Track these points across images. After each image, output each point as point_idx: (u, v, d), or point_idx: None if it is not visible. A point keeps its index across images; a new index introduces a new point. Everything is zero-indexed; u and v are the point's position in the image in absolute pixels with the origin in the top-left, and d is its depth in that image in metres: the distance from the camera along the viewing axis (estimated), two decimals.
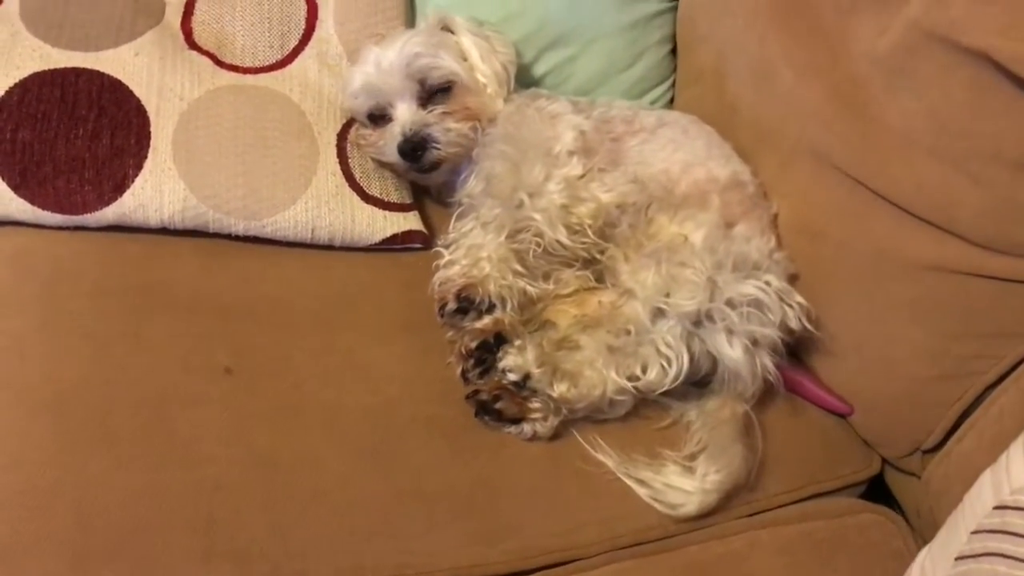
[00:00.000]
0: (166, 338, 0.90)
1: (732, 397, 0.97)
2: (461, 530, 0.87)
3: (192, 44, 1.04)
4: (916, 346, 0.95)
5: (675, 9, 1.23)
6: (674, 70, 1.26)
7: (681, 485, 0.93)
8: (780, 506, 0.97)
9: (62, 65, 0.97)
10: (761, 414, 0.99)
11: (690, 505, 0.92)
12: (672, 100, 1.26)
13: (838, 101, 0.99)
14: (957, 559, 0.76)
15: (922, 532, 0.97)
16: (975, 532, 0.75)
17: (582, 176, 1.01)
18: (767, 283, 0.94)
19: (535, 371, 0.89)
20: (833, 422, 1.04)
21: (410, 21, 1.12)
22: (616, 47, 1.19)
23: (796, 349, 1.03)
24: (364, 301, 1.00)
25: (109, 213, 0.94)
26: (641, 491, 0.93)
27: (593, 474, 0.92)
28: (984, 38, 0.84)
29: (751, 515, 0.96)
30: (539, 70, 1.18)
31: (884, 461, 1.04)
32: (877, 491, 1.07)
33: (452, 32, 1.07)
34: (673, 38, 1.25)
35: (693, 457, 0.94)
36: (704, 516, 0.93)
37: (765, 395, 0.99)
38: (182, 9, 1.06)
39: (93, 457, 0.81)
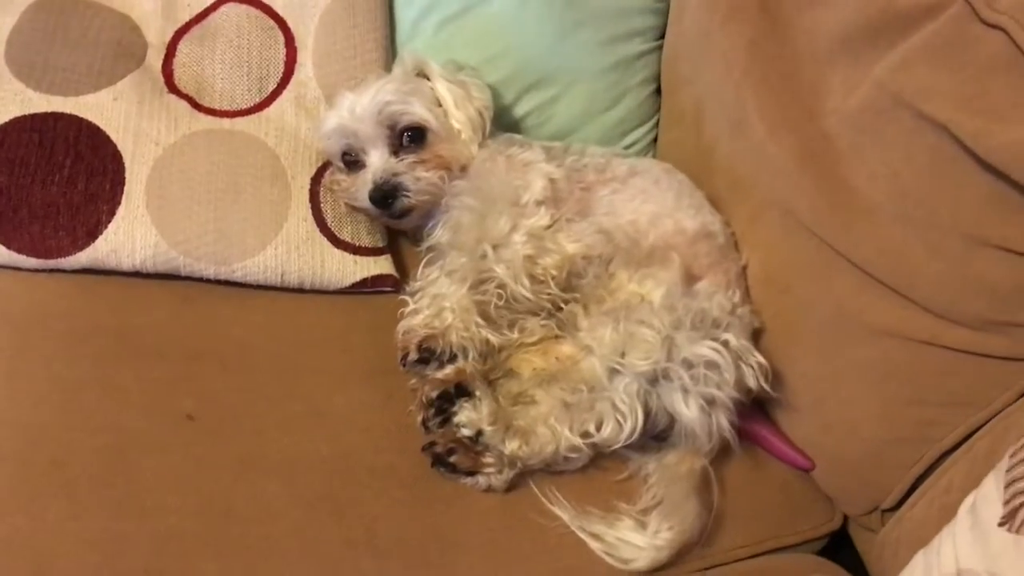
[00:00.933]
0: (133, 384, 0.92)
1: (690, 452, 0.97)
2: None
3: (172, 87, 1.05)
4: (873, 408, 0.95)
5: (660, 49, 1.23)
6: (658, 110, 1.25)
7: (633, 540, 0.93)
8: (736, 560, 0.98)
9: (42, 110, 0.99)
10: (721, 467, 0.99)
11: (641, 560, 0.92)
12: (655, 140, 1.26)
13: (807, 158, 0.99)
14: None
15: None
16: None
17: (549, 226, 1.01)
18: (725, 343, 0.94)
19: (487, 428, 0.90)
20: (795, 476, 1.04)
21: (389, 64, 1.12)
22: (598, 88, 1.19)
23: (760, 401, 1.03)
24: (330, 346, 1.01)
25: (83, 258, 0.96)
26: (594, 545, 0.93)
27: (548, 527, 0.93)
28: (945, 110, 0.83)
29: (705, 569, 0.96)
30: (520, 111, 1.18)
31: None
32: (843, 542, 1.07)
33: (427, 78, 1.07)
34: (657, 78, 1.24)
35: (647, 512, 0.94)
36: (655, 571, 0.94)
37: (726, 448, 0.99)
38: (163, 51, 1.07)
39: (52, 505, 0.83)
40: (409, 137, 1.04)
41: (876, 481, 0.97)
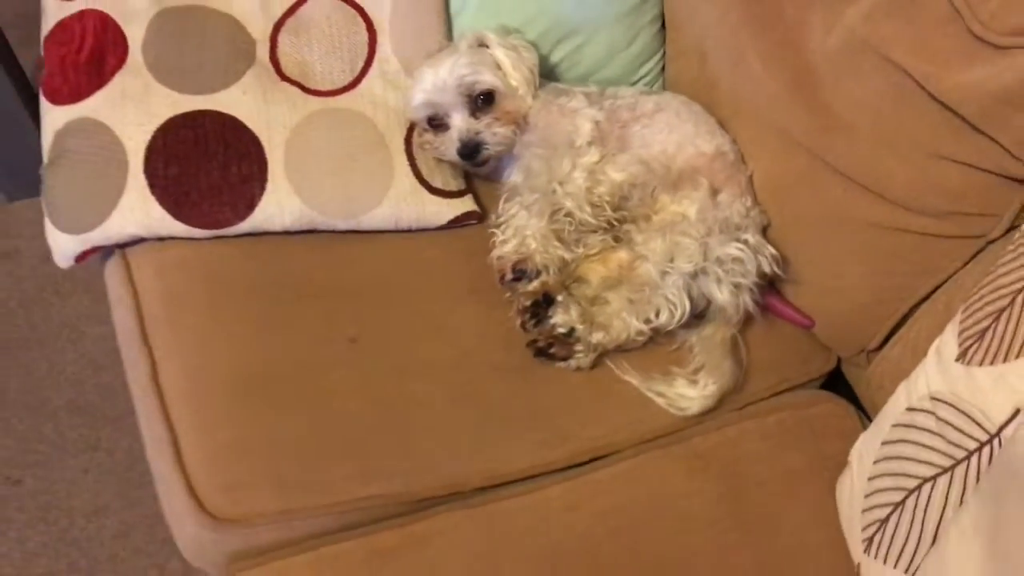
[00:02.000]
0: (304, 318, 1.19)
1: (723, 324, 1.27)
2: (531, 440, 1.18)
3: (282, 76, 1.28)
4: (860, 279, 1.25)
5: None
6: (663, 43, 1.50)
7: (688, 393, 1.23)
8: (761, 399, 1.29)
9: (189, 109, 1.21)
10: (745, 332, 1.30)
11: (694, 407, 1.23)
12: (663, 69, 1.51)
13: (797, 89, 1.25)
14: (882, 444, 1.09)
15: (868, 414, 1.30)
16: (894, 425, 1.07)
17: (598, 161, 1.28)
18: (745, 241, 1.23)
19: (579, 326, 1.19)
20: (799, 333, 1.34)
21: (449, 35, 1.35)
22: (616, 32, 1.42)
23: (772, 279, 1.32)
24: (440, 272, 1.28)
25: (244, 226, 1.21)
26: (659, 400, 1.24)
27: (622, 391, 1.24)
28: (902, 57, 1.10)
29: (740, 409, 1.28)
30: (555, 59, 1.41)
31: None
32: (836, 380, 1.40)
33: (487, 47, 1.31)
34: (662, 15, 1.48)
35: (696, 372, 1.24)
36: (704, 415, 1.25)
37: (749, 318, 1.30)
38: (268, 45, 1.29)
39: (261, 415, 1.11)
40: (482, 100, 1.28)
41: (863, 331, 1.28)
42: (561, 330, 1.20)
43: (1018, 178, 1.05)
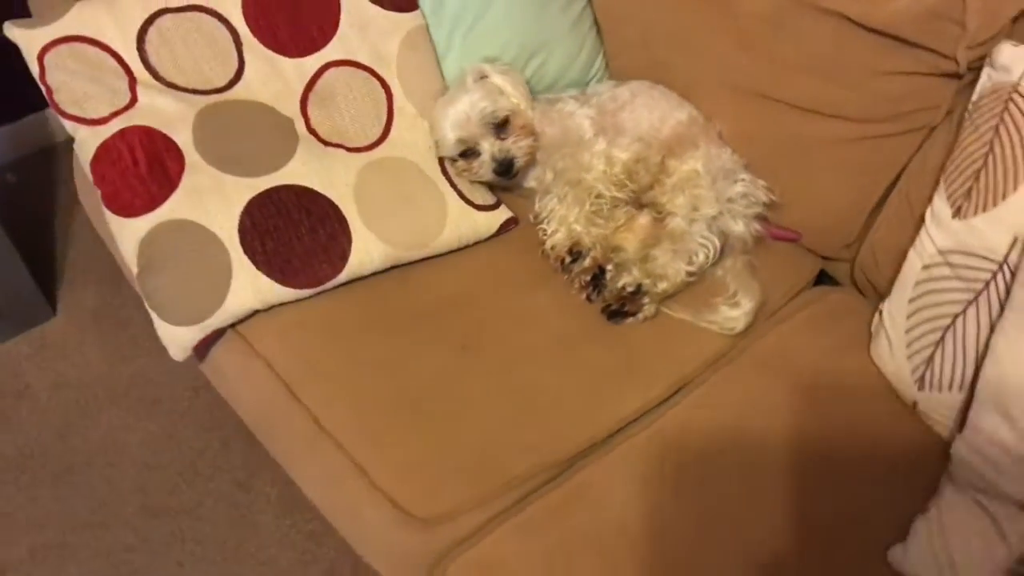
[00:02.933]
0: (418, 341, 1.34)
1: (740, 253, 1.52)
2: (632, 386, 1.37)
3: (325, 143, 1.42)
4: (833, 188, 1.53)
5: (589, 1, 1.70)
6: (602, 43, 1.73)
7: (732, 314, 1.47)
8: (782, 307, 1.56)
9: (263, 188, 1.33)
10: (755, 257, 1.56)
11: (740, 325, 1.47)
12: (607, 66, 1.74)
13: (743, 49, 1.52)
14: (909, 301, 1.37)
15: (863, 292, 1.59)
16: (916, 283, 1.35)
17: (607, 148, 1.50)
18: (743, 180, 1.49)
19: (645, 281, 1.41)
20: (787, 248, 1.61)
21: (442, 75, 1.54)
22: (569, 43, 1.65)
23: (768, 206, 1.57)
24: (505, 274, 1.46)
25: (342, 276, 1.34)
26: (711, 327, 1.46)
27: (680, 330, 1.46)
28: (835, 4, 1.39)
29: (770, 317, 1.54)
30: (526, 76, 1.61)
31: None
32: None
33: (487, 77, 1.50)
34: (595, 21, 1.71)
35: (732, 297, 1.49)
36: (748, 330, 1.50)
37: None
38: (302, 120, 1.42)
39: (424, 425, 1.26)
40: (498, 123, 1.47)
41: (843, 230, 1.56)
42: (630, 289, 1.41)
43: (950, 73, 1.35)
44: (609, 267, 1.44)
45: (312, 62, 1.44)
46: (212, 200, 1.32)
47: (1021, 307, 1.18)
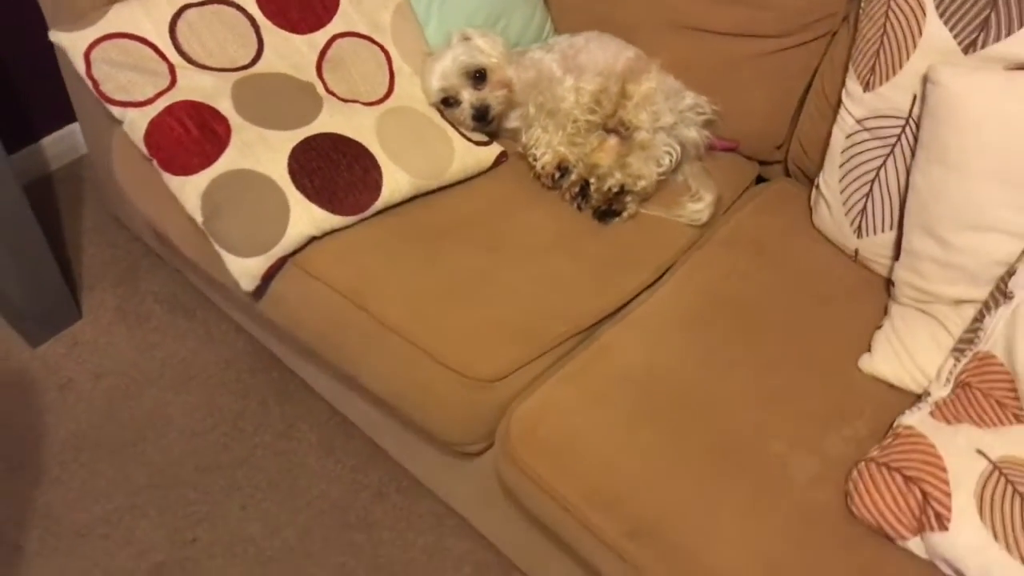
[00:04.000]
0: (451, 246, 1.56)
1: (695, 157, 1.80)
2: (630, 270, 1.62)
3: (344, 100, 1.65)
4: (761, 98, 1.83)
5: None
6: (549, 8, 2.02)
7: (697, 207, 1.74)
8: (735, 200, 1.86)
9: (303, 137, 1.55)
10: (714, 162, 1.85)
11: (705, 214, 1.75)
12: (554, 29, 2.03)
13: None
14: (839, 167, 1.67)
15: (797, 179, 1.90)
16: (842, 152, 1.66)
17: (574, 83, 1.77)
18: (690, 95, 1.78)
19: (627, 180, 1.67)
20: (732, 157, 1.91)
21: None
22: (524, 10, 1.93)
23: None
24: (507, 195, 1.70)
25: (379, 204, 1.55)
26: (681, 220, 1.74)
27: (656, 227, 1.72)
28: None
29: (727, 210, 1.83)
30: None
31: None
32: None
33: (469, 38, 1.76)
34: None
35: (695, 193, 1.77)
36: (712, 219, 1.78)
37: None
38: (320, 84, 1.66)
39: (464, 308, 1.49)
40: (478, 77, 1.73)
41: (773, 132, 1.87)
42: (615, 190, 1.67)
43: None
44: (592, 179, 1.70)
45: (321, 36, 1.68)
46: (260, 150, 1.53)
47: (928, 144, 1.49)
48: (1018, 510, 1.23)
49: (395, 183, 1.58)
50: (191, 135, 1.54)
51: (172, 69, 1.59)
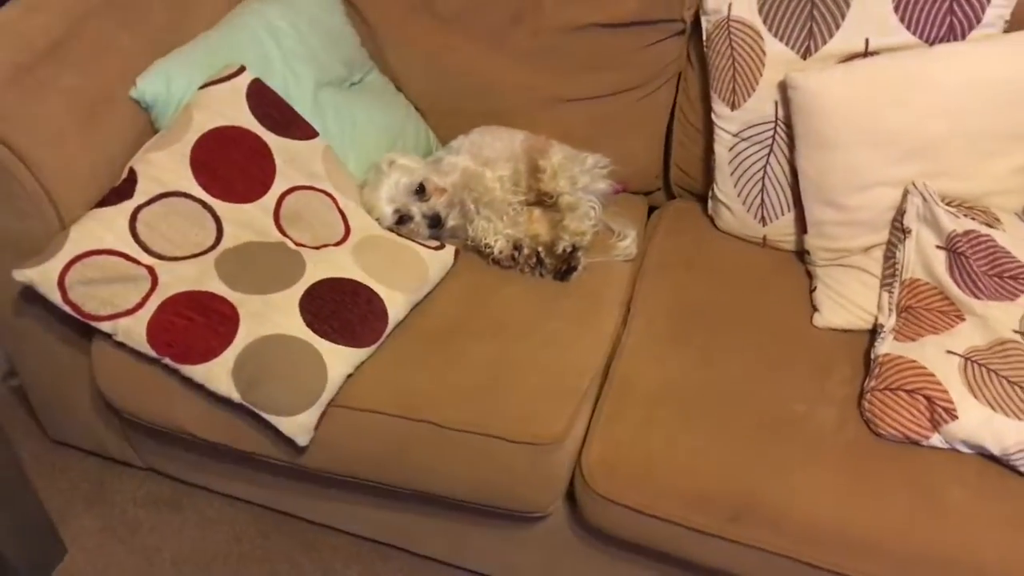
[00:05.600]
0: (463, 340, 1.69)
1: (609, 203, 2.05)
2: (599, 315, 1.84)
3: (315, 248, 1.74)
4: (634, 141, 2.12)
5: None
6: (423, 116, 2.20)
7: (625, 243, 1.97)
8: (645, 228, 2.12)
9: (303, 289, 1.62)
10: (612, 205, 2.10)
11: (633, 248, 1.98)
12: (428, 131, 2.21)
13: (536, 72, 2.06)
14: (731, 174, 1.97)
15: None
16: (729, 161, 1.96)
17: (492, 174, 1.96)
18: (587, 154, 2.02)
19: (575, 239, 1.87)
20: (624, 196, 2.16)
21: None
22: (412, 128, 2.12)
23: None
24: (478, 284, 1.84)
25: (389, 327, 1.66)
26: (619, 258, 1.96)
27: (602, 271, 1.94)
28: (588, 17, 1.98)
29: (648, 238, 2.08)
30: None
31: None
32: None
33: (394, 161, 1.90)
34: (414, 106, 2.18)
35: (619, 233, 2.00)
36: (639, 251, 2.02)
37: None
38: (287, 239, 1.73)
39: (450, 360, 1.64)
40: (419, 191, 1.88)
41: (647, 170, 2.16)
42: (568, 249, 1.87)
43: (679, 32, 1.98)
44: (540, 248, 1.90)
45: (269, 199, 1.76)
46: (271, 314, 1.59)
47: (804, 135, 1.81)
48: (998, 383, 1.54)
49: (396, 303, 1.69)
50: (198, 323, 1.57)
51: (151, 270, 1.62)
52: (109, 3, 1.77)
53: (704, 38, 1.94)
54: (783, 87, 1.83)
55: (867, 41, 1.80)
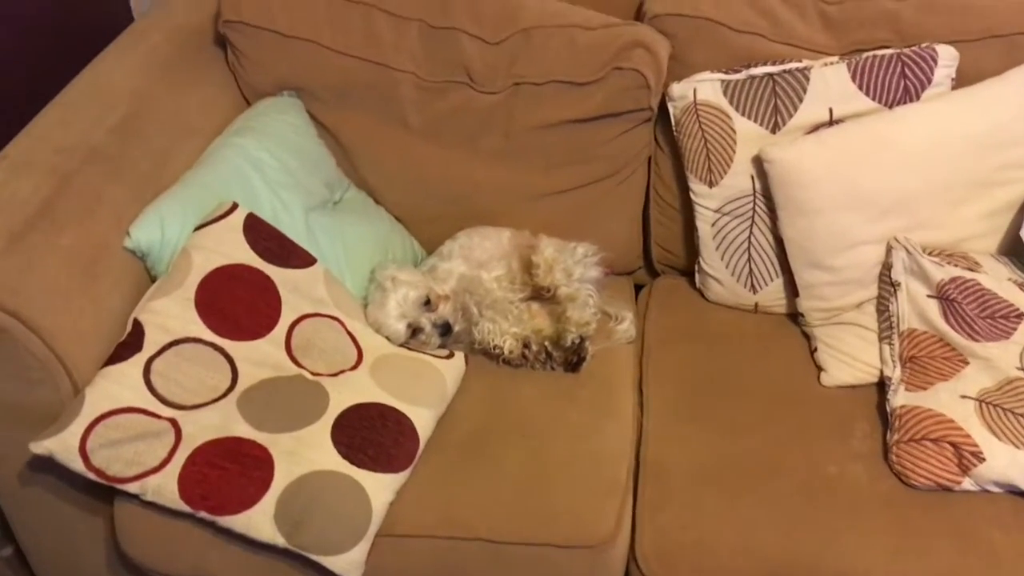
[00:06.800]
0: (493, 448, 1.67)
1: (600, 290, 2.07)
2: (617, 402, 1.85)
3: (332, 375, 1.70)
4: (614, 227, 2.16)
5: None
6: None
7: (625, 327, 2.00)
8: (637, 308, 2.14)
9: (332, 421, 1.58)
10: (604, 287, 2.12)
11: (632, 331, 2.00)
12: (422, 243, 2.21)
13: (512, 172, 2.09)
14: (716, 248, 2.02)
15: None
16: (713, 236, 2.02)
17: (487, 276, 1.97)
18: (575, 244, 2.05)
19: (582, 331, 1.88)
20: (610, 278, 2.19)
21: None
22: (398, 238, 2.10)
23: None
24: (494, 386, 1.84)
25: (422, 445, 1.64)
26: (621, 342, 1.98)
27: (604, 353, 1.95)
28: (557, 114, 2.03)
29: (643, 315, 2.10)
30: None
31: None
32: None
33: (396, 277, 1.89)
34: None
35: (617, 317, 2.02)
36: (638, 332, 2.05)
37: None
38: (303, 370, 1.69)
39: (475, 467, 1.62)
40: (425, 302, 1.87)
41: (628, 252, 2.20)
42: (577, 341, 1.88)
43: (647, 120, 2.03)
44: (547, 343, 1.91)
45: (279, 331, 1.72)
46: (305, 451, 1.55)
47: (784, 204, 1.88)
48: (1015, 421, 1.61)
49: (424, 421, 1.67)
50: (231, 471, 1.52)
51: (173, 422, 1.56)
52: (92, 157, 1.73)
53: (673, 123, 2.01)
54: (758, 161, 1.90)
55: (831, 110, 1.89)
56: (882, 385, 1.80)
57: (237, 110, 2.07)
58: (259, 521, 1.50)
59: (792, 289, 1.96)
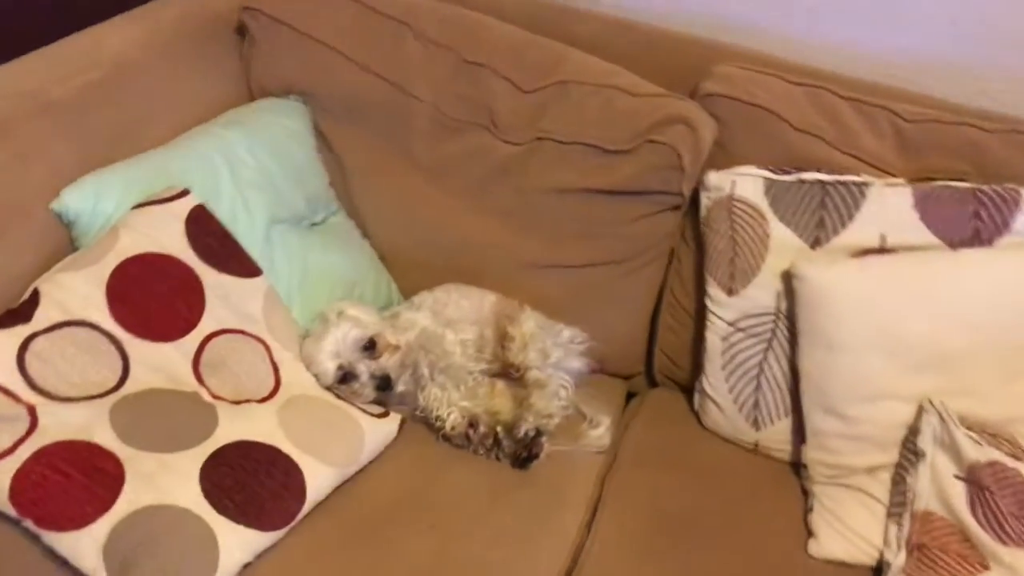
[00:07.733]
0: (395, 534, 1.41)
1: (582, 384, 1.80)
2: (562, 515, 1.56)
3: (234, 403, 1.47)
4: (616, 318, 1.88)
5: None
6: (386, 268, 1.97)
7: (598, 433, 1.72)
8: (621, 417, 1.85)
9: (210, 451, 1.35)
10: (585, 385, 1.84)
11: (606, 438, 1.72)
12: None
13: (520, 233, 1.84)
14: (721, 368, 1.73)
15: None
16: (722, 352, 1.73)
17: (454, 336, 1.72)
18: (563, 327, 1.79)
19: (541, 422, 1.61)
20: (599, 377, 1.91)
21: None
22: (374, 276, 1.88)
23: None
24: (422, 461, 1.58)
25: (307, 507, 1.38)
26: (589, 448, 1.70)
27: (569, 460, 1.67)
28: (580, 182, 1.80)
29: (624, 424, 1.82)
30: None
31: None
32: None
33: (343, 311, 1.66)
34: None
35: (591, 420, 1.75)
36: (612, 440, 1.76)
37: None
38: (203, 389, 1.47)
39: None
40: (369, 347, 1.62)
41: (629, 351, 1.92)
42: (531, 433, 1.61)
43: (676, 206, 1.78)
44: (499, 428, 1.63)
45: (192, 340, 1.50)
46: (164, 479, 1.31)
47: (807, 332, 1.59)
48: None
49: (318, 480, 1.42)
50: (73, 481, 1.28)
51: (31, 410, 1.34)
52: (48, 109, 1.57)
53: (702, 215, 1.75)
54: (788, 277, 1.62)
55: (883, 236, 1.61)
56: (879, 571, 1.47)
57: (238, 105, 1.90)
58: (85, 547, 1.26)
59: (800, 435, 1.65)
